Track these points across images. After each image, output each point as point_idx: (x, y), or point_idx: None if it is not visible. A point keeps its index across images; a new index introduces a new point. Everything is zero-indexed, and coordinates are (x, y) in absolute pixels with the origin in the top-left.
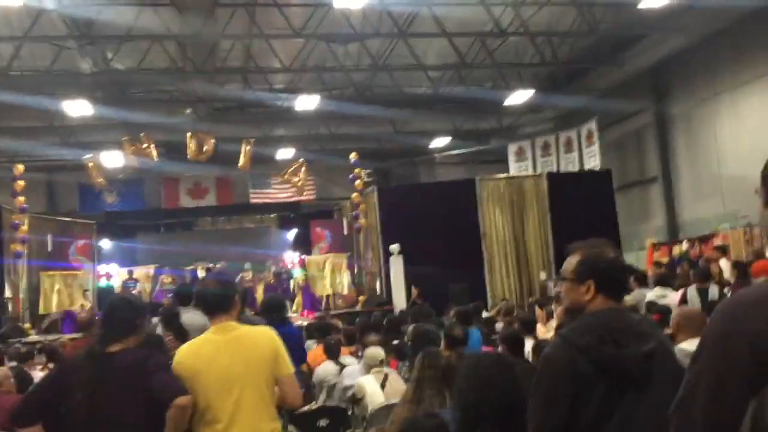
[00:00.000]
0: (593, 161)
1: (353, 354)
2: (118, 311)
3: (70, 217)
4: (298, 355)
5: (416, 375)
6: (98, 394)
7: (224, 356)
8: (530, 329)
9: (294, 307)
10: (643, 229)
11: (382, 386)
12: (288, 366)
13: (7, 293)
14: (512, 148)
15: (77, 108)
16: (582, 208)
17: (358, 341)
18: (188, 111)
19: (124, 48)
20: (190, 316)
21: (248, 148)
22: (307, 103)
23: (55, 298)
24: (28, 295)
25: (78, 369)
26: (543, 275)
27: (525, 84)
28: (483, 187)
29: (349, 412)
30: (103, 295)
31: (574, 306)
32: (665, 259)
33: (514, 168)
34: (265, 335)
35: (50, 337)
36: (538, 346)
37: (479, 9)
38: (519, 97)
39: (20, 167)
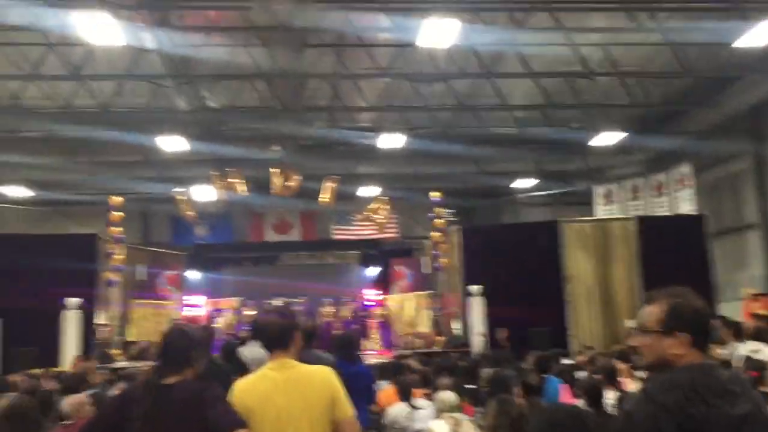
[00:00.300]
0: (686, 206)
1: (427, 396)
2: (174, 343)
3: (163, 248)
4: (367, 395)
5: (489, 423)
6: (156, 425)
7: (280, 395)
8: (612, 380)
9: (371, 345)
10: (739, 279)
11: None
12: (347, 409)
13: (100, 320)
14: (599, 191)
15: (172, 144)
16: (673, 254)
17: (433, 383)
18: (275, 148)
19: (217, 86)
20: (252, 350)
21: (332, 185)
22: (391, 141)
23: (144, 326)
24: (118, 323)
25: (136, 400)
26: (630, 323)
27: (614, 125)
28: (567, 229)
29: None
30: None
31: (658, 361)
32: (763, 311)
33: (601, 211)
34: (324, 375)
35: (137, 364)
36: (622, 398)
37: (567, 49)
38: (607, 138)
39: (117, 199)
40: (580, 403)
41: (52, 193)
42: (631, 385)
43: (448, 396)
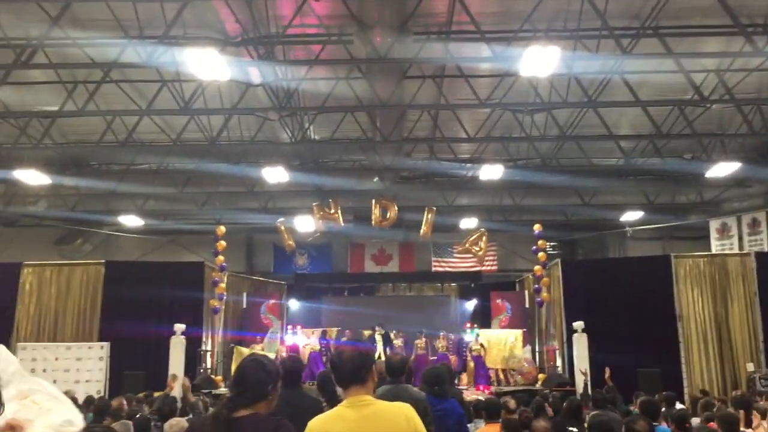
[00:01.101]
0: None
1: None
2: (250, 375)
3: (265, 277)
4: None
5: None
6: None
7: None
8: (732, 429)
9: (465, 380)
10: None
11: None
12: None
13: (205, 346)
14: (714, 225)
15: (275, 175)
16: None
17: (530, 426)
18: (375, 179)
19: (319, 119)
20: None
21: (430, 216)
22: (491, 172)
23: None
24: (222, 349)
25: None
26: (750, 367)
27: (729, 155)
28: (679, 264)
29: None
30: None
31: None
32: None
33: (717, 246)
34: (403, 412)
35: None
36: None
37: (677, 76)
38: (722, 169)
39: (222, 228)
40: None
41: (164, 222)
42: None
43: None
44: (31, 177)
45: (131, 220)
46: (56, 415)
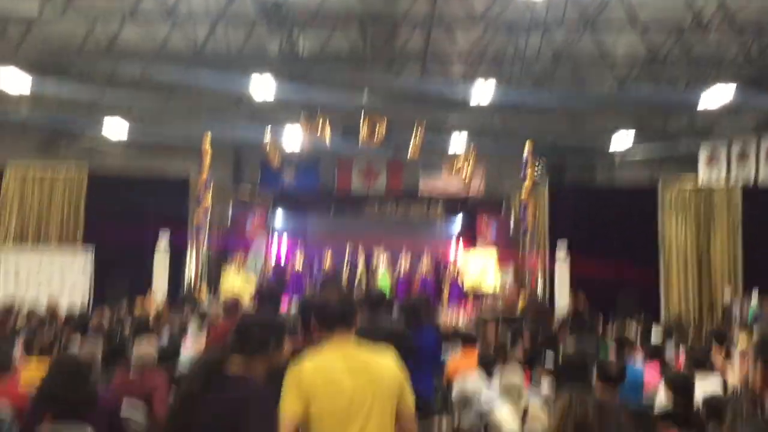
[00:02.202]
0: None
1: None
2: (250, 331)
3: (252, 191)
4: (435, 364)
5: (559, 414)
6: (196, 412)
7: (349, 379)
8: (702, 367)
9: (443, 302)
10: None
11: (522, 421)
12: (412, 402)
13: (189, 258)
14: (704, 152)
15: (263, 87)
16: None
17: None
18: (365, 95)
19: (309, 31)
20: None
21: (420, 130)
22: (482, 92)
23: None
24: (206, 261)
25: (189, 379)
26: (727, 294)
27: (725, 82)
28: (666, 194)
29: None
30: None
31: (753, 391)
32: None
33: (704, 173)
34: (393, 365)
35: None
36: (710, 404)
37: (677, 0)
38: (716, 96)
39: (207, 141)
40: (668, 397)
41: (148, 133)
42: (729, 377)
43: (513, 381)
44: (12, 78)
45: (116, 129)
46: None
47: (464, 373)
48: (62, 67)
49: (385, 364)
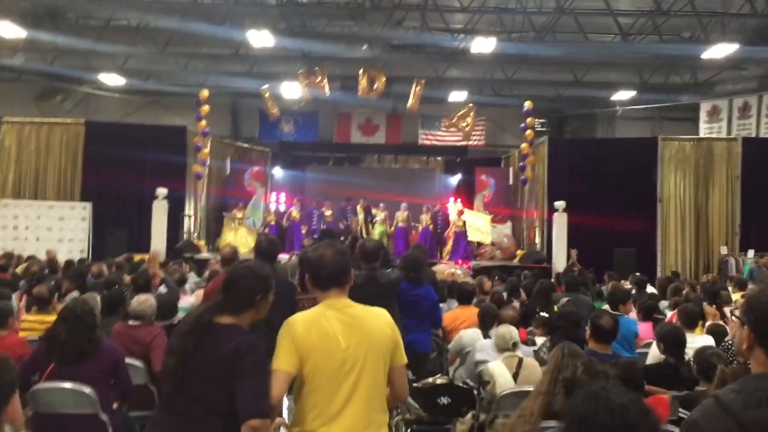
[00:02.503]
0: None
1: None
2: (241, 282)
3: (250, 143)
4: (432, 317)
5: (551, 367)
6: (191, 365)
7: (344, 337)
8: (693, 324)
9: (444, 254)
10: None
11: (515, 374)
12: (404, 356)
13: (188, 211)
14: (705, 107)
15: (261, 38)
16: None
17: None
18: (364, 47)
19: None
20: None
21: (418, 88)
22: (483, 45)
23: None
24: (205, 214)
25: (181, 333)
26: (724, 250)
27: (729, 36)
28: (666, 147)
29: (476, 392)
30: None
31: (741, 354)
32: None
33: (705, 129)
34: (386, 320)
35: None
36: (701, 356)
37: None
38: (720, 50)
39: (205, 92)
40: (660, 351)
41: (145, 83)
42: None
43: (508, 332)
44: (6, 28)
45: (112, 79)
46: None
47: (461, 327)
48: (56, 17)
49: (378, 322)
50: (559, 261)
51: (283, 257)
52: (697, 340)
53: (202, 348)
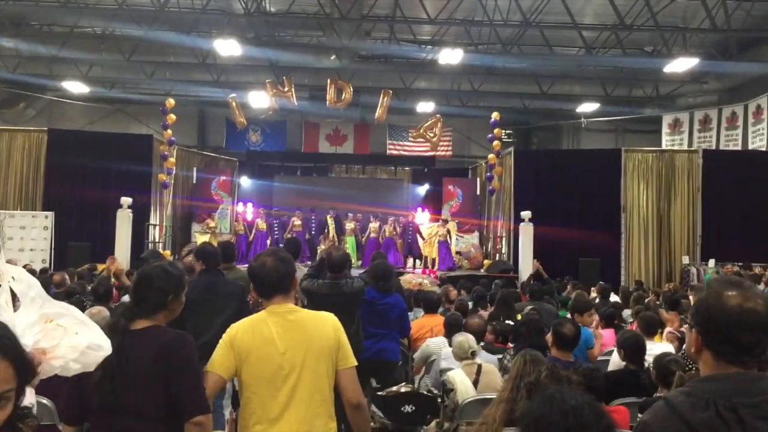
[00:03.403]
0: (760, 141)
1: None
2: (154, 282)
3: (217, 152)
4: (400, 326)
5: (514, 374)
6: (118, 377)
7: (282, 341)
8: (653, 332)
9: (430, 264)
10: None
11: (475, 381)
12: (351, 358)
13: (153, 220)
14: (667, 119)
15: (228, 47)
16: (740, 192)
17: (469, 314)
18: (333, 57)
19: None
20: None
21: (386, 99)
22: (450, 56)
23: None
24: (170, 223)
25: None
26: (686, 260)
27: (690, 51)
28: (629, 158)
29: (440, 400)
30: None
31: (691, 357)
32: None
33: (667, 141)
34: (329, 322)
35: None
36: (660, 362)
37: None
38: (681, 64)
39: (171, 101)
40: (621, 357)
41: (110, 90)
42: (673, 341)
43: (465, 341)
44: None
45: (76, 87)
46: (83, 338)
47: (427, 335)
48: (19, 24)
49: (321, 326)
50: (526, 270)
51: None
52: (657, 347)
53: (125, 357)
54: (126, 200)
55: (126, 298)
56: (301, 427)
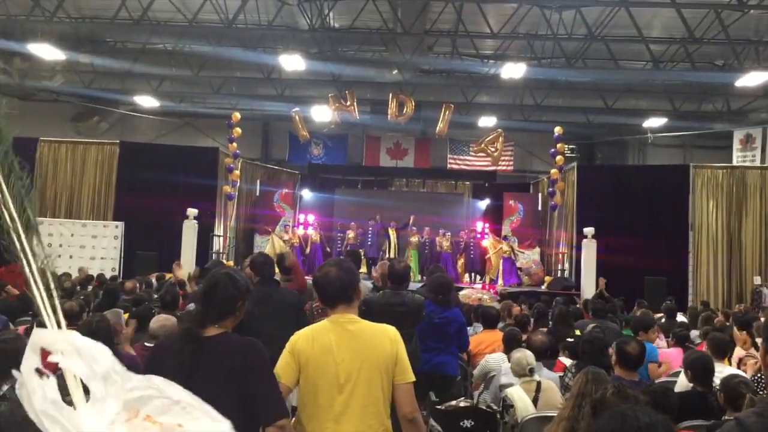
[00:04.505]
0: None
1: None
2: (222, 289)
3: (280, 165)
4: (459, 340)
5: (575, 392)
6: (192, 382)
7: (341, 351)
8: (722, 353)
9: (486, 278)
10: None
11: (534, 398)
12: (408, 373)
13: (217, 231)
14: (738, 135)
15: (292, 62)
16: None
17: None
18: (394, 72)
19: (339, 6)
20: None
21: (448, 113)
22: (513, 70)
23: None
24: (234, 235)
25: (173, 352)
26: (758, 280)
27: (762, 64)
28: (698, 174)
29: (499, 416)
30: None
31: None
32: None
33: (739, 157)
34: (388, 335)
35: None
36: (728, 384)
37: None
38: (753, 78)
39: (237, 114)
40: (688, 379)
41: (179, 105)
42: (748, 361)
43: (524, 357)
44: (46, 51)
45: (147, 101)
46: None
47: (486, 351)
48: (95, 41)
49: (380, 338)
50: (588, 288)
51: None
52: (726, 370)
53: (201, 362)
54: (192, 211)
55: (191, 306)
56: None
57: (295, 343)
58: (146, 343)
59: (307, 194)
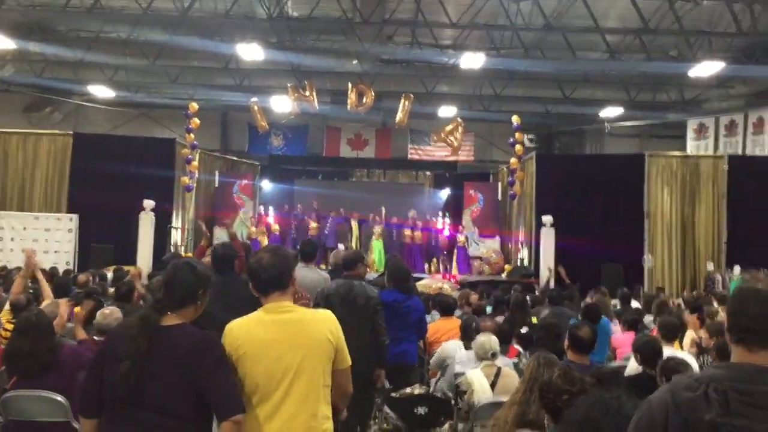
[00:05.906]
0: None
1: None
2: (181, 280)
3: (239, 156)
4: (419, 328)
5: (527, 376)
6: (145, 372)
7: (278, 342)
8: (672, 336)
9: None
10: None
11: (493, 383)
12: (347, 359)
13: (175, 223)
14: (692, 124)
15: (250, 52)
16: (766, 198)
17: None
18: (354, 62)
19: None
20: (304, 273)
21: (407, 103)
22: (472, 61)
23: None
24: (192, 227)
25: (127, 339)
26: (710, 266)
27: (715, 55)
28: (653, 163)
29: (454, 403)
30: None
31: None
32: None
33: (692, 146)
34: (327, 322)
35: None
36: (665, 365)
37: None
38: (706, 68)
39: (195, 105)
40: (637, 362)
41: (135, 95)
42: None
43: (488, 341)
44: None
45: (101, 91)
46: None
47: (443, 338)
48: (46, 30)
49: (319, 325)
50: (546, 276)
51: None
52: (677, 353)
53: (155, 351)
54: (149, 203)
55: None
56: (293, 426)
57: (228, 335)
58: (95, 337)
59: (267, 185)
